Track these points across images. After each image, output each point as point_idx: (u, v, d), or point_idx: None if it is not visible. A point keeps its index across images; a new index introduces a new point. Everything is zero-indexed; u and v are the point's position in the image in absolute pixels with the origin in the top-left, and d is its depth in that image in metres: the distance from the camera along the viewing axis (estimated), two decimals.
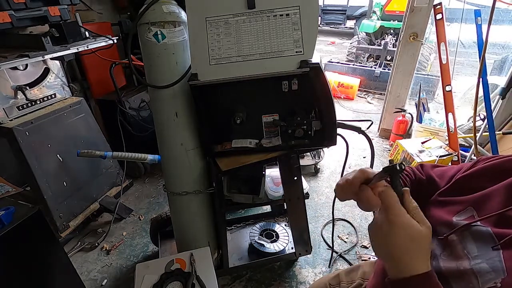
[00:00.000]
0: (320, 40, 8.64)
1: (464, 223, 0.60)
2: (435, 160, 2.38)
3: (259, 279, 1.72)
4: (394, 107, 3.08)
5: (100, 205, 2.11)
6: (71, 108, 1.98)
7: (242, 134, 1.23)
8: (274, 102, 1.16)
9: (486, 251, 0.55)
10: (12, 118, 1.71)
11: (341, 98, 4.46)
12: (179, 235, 1.55)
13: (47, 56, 1.59)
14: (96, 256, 1.90)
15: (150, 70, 1.16)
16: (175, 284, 1.14)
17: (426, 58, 4.60)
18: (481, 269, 0.54)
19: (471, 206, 0.63)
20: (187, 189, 1.36)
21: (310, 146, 1.22)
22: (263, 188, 1.44)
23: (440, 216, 0.67)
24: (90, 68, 2.45)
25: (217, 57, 1.03)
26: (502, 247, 0.54)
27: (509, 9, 3.32)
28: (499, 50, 3.66)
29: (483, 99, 2.26)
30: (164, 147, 1.32)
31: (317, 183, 2.55)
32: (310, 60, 1.00)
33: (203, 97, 1.12)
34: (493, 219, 0.58)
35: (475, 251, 0.57)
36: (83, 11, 2.36)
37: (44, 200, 1.79)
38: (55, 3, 1.63)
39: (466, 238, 0.60)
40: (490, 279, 0.52)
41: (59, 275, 1.29)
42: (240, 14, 1.01)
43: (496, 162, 0.66)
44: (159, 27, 1.06)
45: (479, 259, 0.56)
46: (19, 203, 1.17)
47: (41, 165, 1.78)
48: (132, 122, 2.41)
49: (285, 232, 1.81)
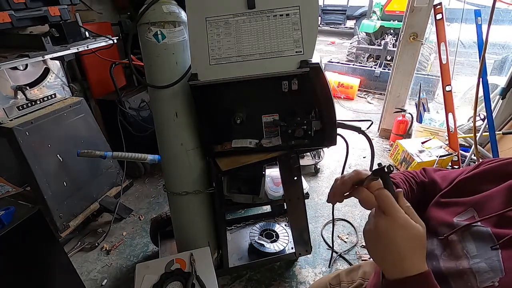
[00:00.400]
0: (320, 40, 8.64)
1: (465, 223, 0.61)
2: (435, 160, 2.38)
3: (259, 279, 1.72)
4: (394, 107, 3.08)
5: (100, 205, 2.11)
6: (71, 108, 1.98)
7: (242, 134, 1.23)
8: (274, 102, 1.16)
9: (485, 250, 0.56)
10: (12, 118, 1.71)
11: (341, 98, 4.46)
12: (179, 235, 1.55)
13: (47, 56, 1.59)
14: (96, 256, 1.90)
15: (150, 70, 1.16)
16: (175, 284, 1.14)
17: (426, 58, 4.60)
18: (479, 269, 0.55)
19: (472, 208, 0.63)
20: (187, 189, 1.36)
21: (310, 146, 1.22)
22: (263, 188, 1.44)
23: (441, 217, 0.67)
24: (90, 68, 2.45)
25: (217, 57, 1.03)
26: (501, 247, 0.54)
27: (509, 9, 3.32)
28: (499, 50, 3.66)
29: (483, 99, 2.26)
30: (164, 147, 1.32)
31: (317, 183, 2.55)
32: (310, 60, 1.00)
33: (203, 97, 1.12)
34: (493, 219, 0.59)
35: (474, 250, 0.58)
36: (83, 11, 2.37)
37: (44, 200, 1.79)
38: (55, 3, 1.63)
39: (466, 238, 0.60)
40: (488, 278, 0.53)
41: (59, 275, 1.29)
42: (240, 14, 1.01)
43: (497, 165, 0.66)
44: (159, 27, 1.06)
45: (478, 258, 0.56)
46: (19, 203, 1.16)
47: (41, 165, 1.78)
48: (132, 122, 2.41)
49: (285, 232, 1.81)
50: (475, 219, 0.61)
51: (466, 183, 0.69)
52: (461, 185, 0.70)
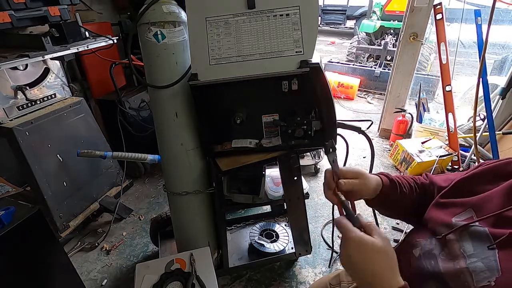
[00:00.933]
0: (320, 40, 8.64)
1: (463, 223, 0.61)
2: (435, 160, 2.38)
3: (259, 279, 1.72)
4: (394, 107, 3.08)
5: (100, 205, 2.11)
6: (71, 108, 1.98)
7: (242, 134, 1.23)
8: (274, 102, 1.16)
9: (482, 250, 0.56)
10: (12, 118, 1.71)
11: (341, 98, 4.46)
12: (179, 235, 1.55)
13: (47, 56, 1.59)
14: (96, 256, 1.90)
15: (150, 70, 1.16)
16: (175, 284, 1.14)
17: (426, 58, 4.61)
18: (476, 268, 0.55)
19: (471, 208, 0.64)
20: (187, 189, 1.36)
21: (310, 146, 1.22)
22: (263, 188, 1.44)
23: (440, 218, 0.67)
24: (90, 68, 2.45)
25: (217, 57, 1.03)
26: (497, 246, 0.54)
27: (509, 9, 3.32)
28: (499, 50, 3.66)
29: (483, 99, 2.26)
30: (164, 147, 1.32)
31: (317, 183, 2.55)
32: (310, 60, 1.00)
33: (203, 97, 1.12)
34: (491, 219, 0.59)
35: (471, 250, 0.58)
36: (83, 11, 2.37)
37: (44, 200, 1.79)
38: (55, 3, 1.63)
39: (463, 237, 0.61)
40: (484, 278, 0.53)
41: (59, 275, 1.29)
42: (240, 14, 1.01)
43: (496, 165, 0.66)
44: (159, 27, 1.06)
45: (474, 258, 0.56)
46: (19, 203, 1.16)
47: (41, 165, 1.78)
48: (132, 122, 2.41)
49: (285, 232, 1.81)
50: (474, 219, 0.61)
51: (465, 184, 0.70)
52: (460, 185, 0.70)
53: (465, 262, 0.57)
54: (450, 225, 0.64)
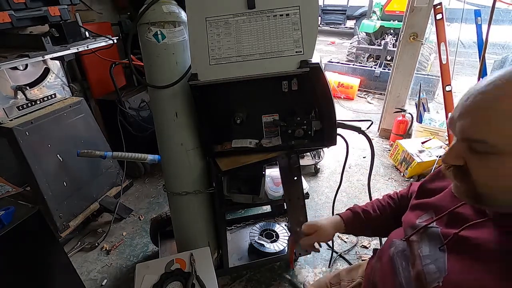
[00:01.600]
0: (320, 40, 8.64)
1: (423, 224, 0.62)
2: (435, 160, 2.38)
3: (259, 279, 1.72)
4: (394, 107, 3.08)
5: (100, 205, 2.11)
6: (71, 108, 1.98)
7: (242, 134, 1.23)
8: (274, 102, 1.16)
9: (435, 251, 0.57)
10: (12, 118, 1.71)
11: (341, 98, 4.46)
12: (179, 235, 1.55)
13: (47, 56, 1.59)
14: (96, 256, 1.90)
15: (150, 70, 1.16)
16: (175, 284, 1.14)
17: (426, 58, 4.61)
18: (429, 270, 0.55)
19: (432, 209, 0.65)
20: (187, 189, 1.36)
21: (310, 146, 1.22)
22: (263, 188, 1.44)
23: (408, 220, 0.69)
24: (90, 68, 2.45)
25: (217, 57, 1.03)
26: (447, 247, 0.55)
27: (509, 9, 3.33)
28: (499, 50, 3.67)
29: None
30: (164, 147, 1.32)
31: (317, 183, 2.55)
32: (310, 60, 1.00)
33: (203, 97, 1.12)
34: (445, 219, 0.59)
35: (427, 251, 0.59)
36: (83, 11, 2.36)
37: (44, 200, 1.79)
38: (55, 3, 1.63)
39: (423, 239, 0.61)
40: (435, 279, 0.53)
41: (59, 275, 1.29)
42: (240, 14, 1.01)
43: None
44: (159, 27, 1.06)
45: (428, 259, 0.57)
46: (19, 203, 1.16)
47: (41, 165, 1.78)
48: (132, 122, 2.41)
49: (285, 232, 1.81)
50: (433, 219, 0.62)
51: (427, 184, 0.71)
52: (424, 186, 0.72)
53: (421, 263, 0.58)
54: (414, 226, 0.65)
